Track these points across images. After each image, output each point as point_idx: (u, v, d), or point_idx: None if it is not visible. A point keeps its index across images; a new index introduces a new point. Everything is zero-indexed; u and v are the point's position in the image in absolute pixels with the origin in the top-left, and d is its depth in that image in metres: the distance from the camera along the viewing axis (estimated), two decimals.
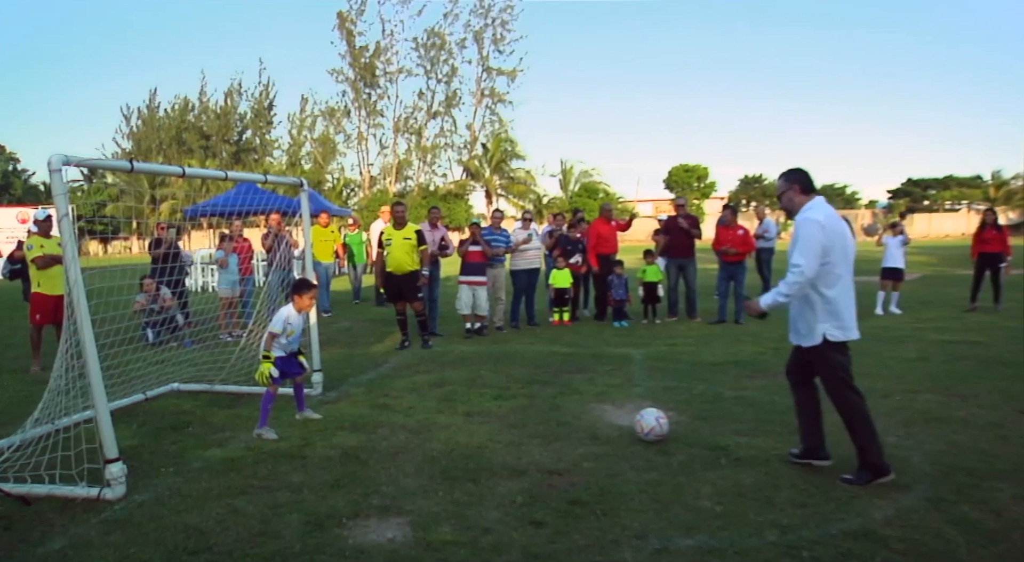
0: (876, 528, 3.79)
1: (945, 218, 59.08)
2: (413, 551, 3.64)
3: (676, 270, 12.05)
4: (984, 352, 8.54)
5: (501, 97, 60.46)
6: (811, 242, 4.48)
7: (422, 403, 6.70)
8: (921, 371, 7.54)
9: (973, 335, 9.67)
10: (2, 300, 18.11)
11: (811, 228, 4.52)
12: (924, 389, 6.77)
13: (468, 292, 10.79)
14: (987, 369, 7.58)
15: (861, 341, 4.97)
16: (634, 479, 4.59)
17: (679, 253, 12.00)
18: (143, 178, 51.38)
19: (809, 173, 4.85)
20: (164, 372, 7.42)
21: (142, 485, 4.63)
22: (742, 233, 11.89)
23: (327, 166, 61.66)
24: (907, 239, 13.02)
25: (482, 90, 60.57)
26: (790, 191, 4.79)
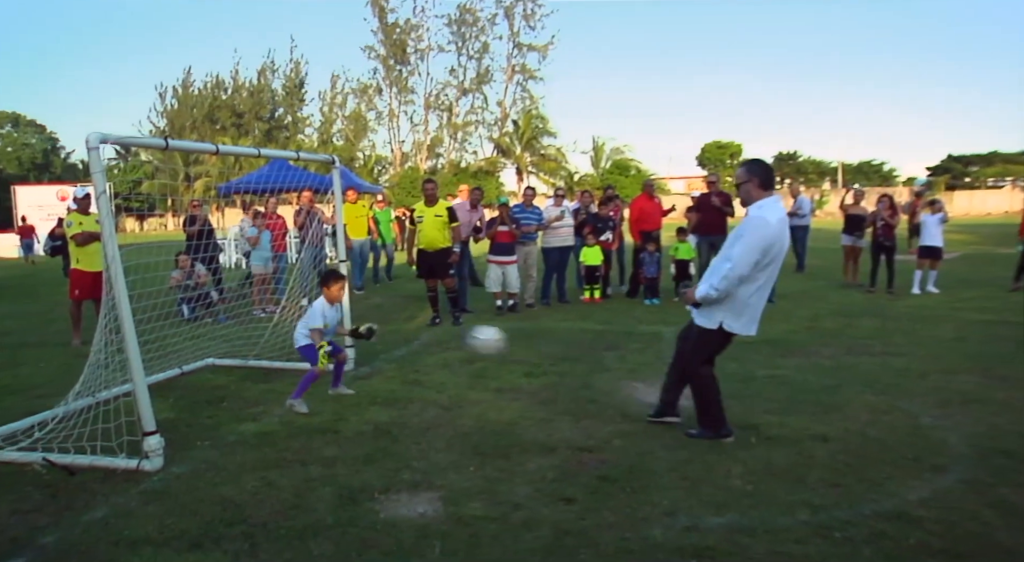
0: (910, 509, 3.75)
1: (988, 195, 57.65)
2: (444, 526, 3.68)
3: (708, 248, 11.91)
4: (1019, 333, 8.35)
5: (532, 73, 60.14)
6: (757, 242, 4.55)
7: (453, 379, 6.74)
8: (959, 351, 7.40)
9: (1014, 315, 9.45)
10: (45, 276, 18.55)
11: (761, 228, 4.57)
12: (962, 369, 6.64)
13: (497, 270, 10.78)
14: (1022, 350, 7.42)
15: (898, 320, 4.91)
16: (664, 457, 4.58)
17: (711, 230, 11.86)
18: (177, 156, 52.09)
19: (771, 168, 4.95)
20: (199, 347, 7.53)
21: (179, 457, 4.73)
22: None
23: (358, 143, 61.95)
24: (946, 217, 12.73)
25: (513, 66, 60.24)
26: (748, 183, 4.77)
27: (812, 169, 65.00)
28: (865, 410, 5.48)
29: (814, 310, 10.44)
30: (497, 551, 3.41)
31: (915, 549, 3.34)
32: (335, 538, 3.57)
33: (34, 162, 64.54)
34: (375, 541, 3.53)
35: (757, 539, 3.46)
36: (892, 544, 3.39)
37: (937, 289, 12.19)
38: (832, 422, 5.19)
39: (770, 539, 3.46)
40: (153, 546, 3.52)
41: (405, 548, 3.46)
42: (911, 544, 3.38)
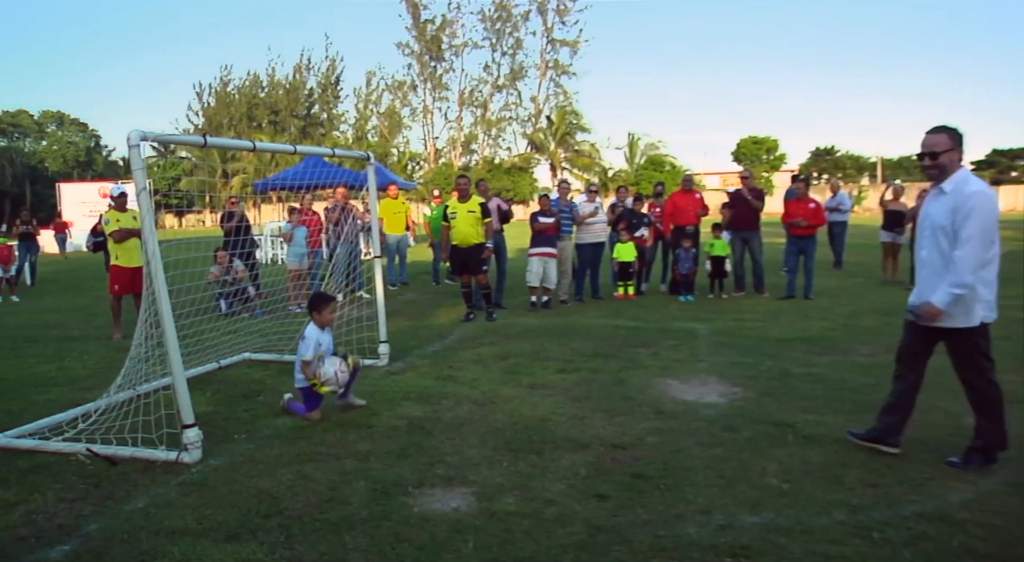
0: (952, 511, 3.67)
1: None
2: (477, 521, 3.69)
3: (741, 244, 11.80)
4: None
5: (565, 69, 59.94)
6: (988, 219, 4.10)
7: (486, 375, 6.75)
8: (1002, 350, 7.15)
9: None
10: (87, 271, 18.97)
11: (989, 201, 4.11)
12: (1007, 369, 6.45)
13: (539, 264, 10.75)
14: None
15: None
16: (699, 455, 4.55)
17: (744, 226, 11.74)
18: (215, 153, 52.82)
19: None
20: (236, 342, 7.65)
21: (216, 450, 4.81)
22: (814, 206, 11.53)
23: (393, 140, 62.28)
24: None
25: (546, 62, 60.09)
26: (953, 152, 4.21)
27: (850, 164, 63.92)
28: None
29: (852, 307, 10.27)
30: (530, 546, 3.41)
31: (958, 552, 3.26)
32: (369, 531, 3.60)
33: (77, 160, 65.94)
34: (409, 535, 3.55)
35: (793, 539, 3.41)
36: (933, 547, 3.32)
37: None
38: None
39: (806, 539, 3.41)
40: (192, 536, 3.59)
41: (438, 542, 3.47)
42: (954, 547, 3.31)
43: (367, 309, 7.88)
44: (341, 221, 11.65)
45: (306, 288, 11.68)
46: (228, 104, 65.48)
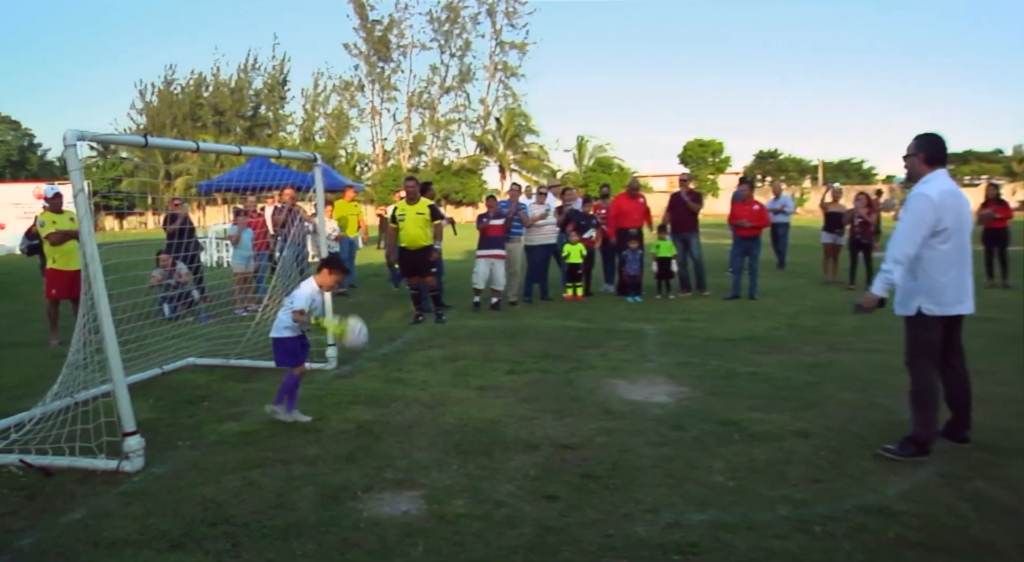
0: (890, 503, 3.79)
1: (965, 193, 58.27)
2: (427, 524, 3.67)
3: (682, 245, 12.00)
4: (1001, 328, 8.46)
5: (514, 71, 60.12)
6: (917, 217, 4.43)
7: (436, 377, 6.73)
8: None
9: (990, 311, 9.55)
10: (21, 275, 18.30)
11: (921, 202, 4.44)
12: None
13: (485, 265, 10.77)
14: (1004, 345, 7.51)
15: (877, 317, 4.95)
16: (647, 454, 4.60)
17: (683, 228, 11.96)
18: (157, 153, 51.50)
19: (943, 145, 4.62)
20: (180, 347, 7.48)
21: (160, 458, 4.69)
22: (757, 208, 11.79)
23: (340, 141, 61.62)
24: None
25: (495, 64, 60.19)
26: (915, 157, 4.59)
27: (793, 167, 65.42)
28: (845, 406, 5.54)
29: (795, 307, 10.52)
30: (480, 549, 3.41)
31: (894, 543, 3.38)
32: (318, 537, 3.55)
33: (9, 159, 63.64)
34: (358, 540, 3.52)
35: (739, 535, 3.48)
36: (871, 538, 3.42)
37: None
38: (813, 418, 5.24)
39: (752, 535, 3.48)
40: (133, 547, 3.49)
41: (388, 547, 3.45)
42: (890, 538, 3.42)
43: None
44: (288, 223, 11.47)
45: (252, 291, 11.49)
46: (171, 104, 63.93)
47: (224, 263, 18.68)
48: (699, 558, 3.29)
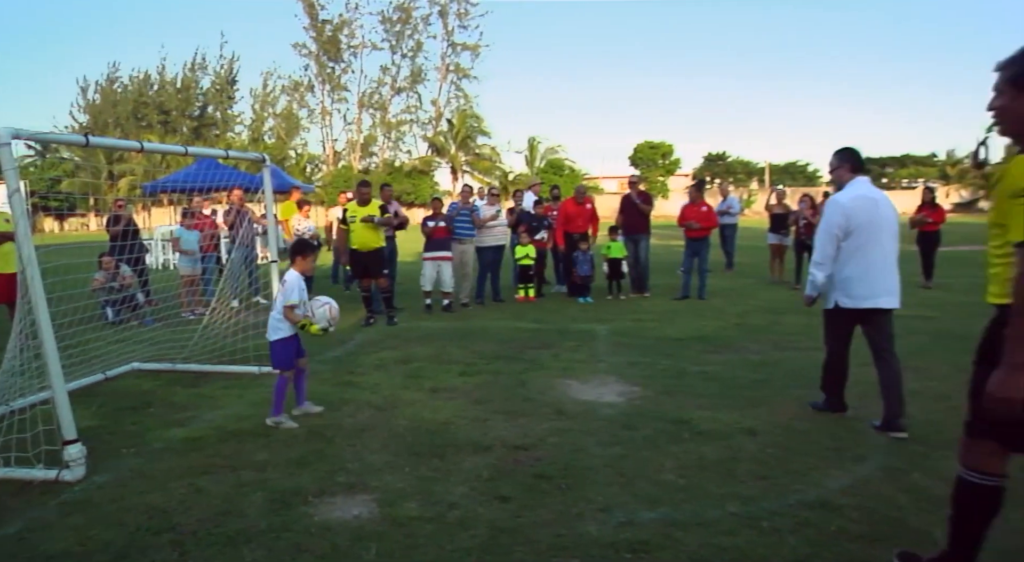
0: (832, 498, 3.88)
1: (902, 195, 60.12)
2: (379, 527, 3.64)
3: (633, 246, 12.13)
4: (936, 326, 8.75)
5: (466, 72, 60.11)
6: (827, 223, 5.03)
7: (388, 380, 6.67)
8: None
9: (927, 310, 9.90)
10: None
11: (830, 209, 5.05)
12: None
13: (432, 268, 10.75)
14: (939, 343, 7.77)
15: (816, 315, 5.09)
16: (599, 454, 4.63)
17: (633, 229, 12.07)
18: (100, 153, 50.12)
19: (860, 154, 5.23)
20: (124, 351, 7.28)
21: (102, 466, 4.55)
22: (706, 209, 11.98)
23: (290, 141, 60.77)
24: None
25: (447, 65, 60.05)
26: (840, 169, 5.15)
27: (741, 169, 66.57)
28: (791, 404, 5.65)
29: (743, 307, 10.71)
30: (432, 551, 3.39)
31: (836, 535, 3.46)
32: (268, 543, 3.49)
33: None
34: (309, 545, 3.47)
35: (689, 532, 3.53)
36: (815, 531, 3.50)
37: None
38: (760, 416, 5.34)
39: (702, 531, 3.53)
40: (73, 560, 3.39)
41: (340, 551, 3.41)
42: (832, 531, 3.51)
43: (264, 315, 7.64)
44: (236, 225, 11.27)
45: (199, 294, 11.25)
46: (115, 102, 62.21)
47: (171, 265, 18.27)
48: (650, 556, 3.33)
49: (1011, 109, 2.63)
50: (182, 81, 63.18)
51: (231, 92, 64.92)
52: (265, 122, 62.84)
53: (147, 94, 62.89)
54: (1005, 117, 2.68)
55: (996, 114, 2.71)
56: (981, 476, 2.79)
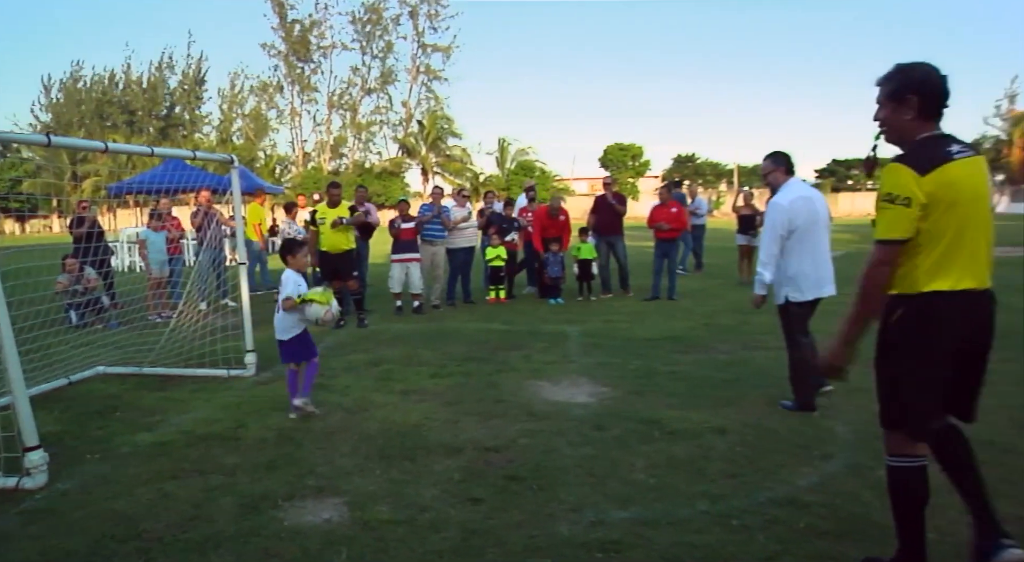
0: (801, 495, 3.93)
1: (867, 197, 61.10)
2: (350, 531, 3.61)
3: (607, 247, 12.18)
4: None
5: (436, 74, 60.04)
6: (771, 224, 5.40)
7: (358, 382, 6.63)
8: None
9: None
10: None
11: (773, 210, 5.39)
12: None
13: (400, 270, 10.71)
14: None
15: None
16: (570, 454, 4.64)
17: (609, 230, 12.13)
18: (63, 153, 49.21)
19: (791, 157, 5.60)
20: (89, 355, 7.15)
21: (66, 473, 4.46)
22: (675, 211, 12.06)
23: (259, 142, 60.18)
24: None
25: (417, 67, 59.91)
26: (776, 172, 5.52)
27: (710, 171, 67.19)
28: (760, 402, 5.71)
29: (712, 307, 10.80)
30: (404, 554, 3.37)
31: (804, 532, 3.50)
32: (237, 549, 3.44)
33: None
34: (279, 550, 3.43)
35: (660, 531, 3.55)
36: (784, 529, 3.54)
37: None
38: (730, 415, 5.39)
39: (672, 530, 3.55)
40: None
41: (310, 555, 3.37)
42: (801, 528, 3.55)
43: (232, 318, 7.57)
44: (204, 226, 11.12)
45: (166, 296, 11.09)
46: (79, 101, 61.08)
47: (137, 268, 17.98)
48: (622, 555, 3.34)
49: (892, 120, 2.92)
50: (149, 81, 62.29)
51: (199, 92, 64.16)
52: (233, 123, 62.18)
53: (112, 93, 61.91)
54: (887, 127, 2.97)
55: (880, 124, 2.99)
56: (904, 460, 2.98)
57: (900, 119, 2.88)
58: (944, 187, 2.72)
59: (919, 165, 2.73)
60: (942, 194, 2.72)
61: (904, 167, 2.75)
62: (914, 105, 2.83)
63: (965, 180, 2.78)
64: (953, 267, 2.80)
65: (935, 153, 2.78)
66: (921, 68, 2.87)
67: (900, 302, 2.87)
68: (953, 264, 2.80)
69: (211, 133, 62.59)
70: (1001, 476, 4.14)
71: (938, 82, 2.85)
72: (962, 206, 2.77)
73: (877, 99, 2.97)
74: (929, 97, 2.83)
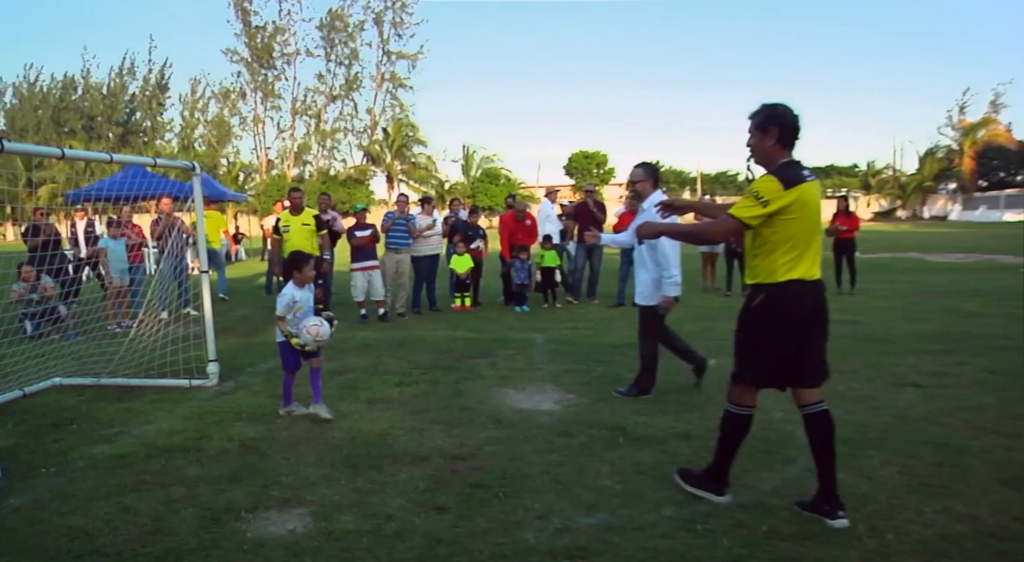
0: (764, 499, 3.98)
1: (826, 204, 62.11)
2: (315, 542, 3.57)
3: (585, 254, 12.25)
4: (859, 330, 9.07)
5: (402, 81, 59.86)
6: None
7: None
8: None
9: (849, 315, 10.25)
10: None
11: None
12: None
13: (363, 278, 10.65)
14: (861, 346, 8.06)
15: None
16: (536, 461, 4.64)
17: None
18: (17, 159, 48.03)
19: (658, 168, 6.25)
20: (45, 366, 6.97)
21: (19, 488, 4.33)
22: None
23: (222, 149, 59.41)
24: None
25: (382, 74, 59.69)
26: (646, 182, 6.03)
27: (673, 179, 67.89)
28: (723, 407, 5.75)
29: (676, 314, 10.77)
30: None
31: (768, 535, 3.54)
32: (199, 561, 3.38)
33: None
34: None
35: (626, 537, 3.56)
36: (748, 532, 3.58)
37: None
38: (694, 421, 5.43)
39: (638, 536, 3.57)
40: None
41: None
42: (764, 531, 3.59)
43: (195, 327, 7.44)
44: (165, 235, 10.93)
45: (127, 306, 10.88)
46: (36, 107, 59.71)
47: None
48: (588, 561, 3.34)
49: (758, 147, 3.70)
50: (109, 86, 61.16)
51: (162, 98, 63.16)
52: (195, 129, 61.32)
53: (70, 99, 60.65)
54: (755, 152, 3.74)
55: (751, 149, 3.74)
56: (740, 408, 3.87)
57: (765, 146, 3.64)
58: (800, 200, 3.49)
59: (786, 181, 3.49)
60: (798, 205, 3.49)
61: (775, 179, 3.51)
62: (775, 135, 3.60)
63: (812, 197, 3.56)
64: (805, 261, 3.58)
65: (795, 174, 3.53)
66: (782, 106, 3.63)
67: (763, 289, 3.65)
68: (805, 259, 3.58)
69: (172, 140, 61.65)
70: (954, 476, 4.25)
71: (793, 119, 3.61)
72: (810, 216, 3.56)
73: (748, 129, 3.70)
74: (786, 130, 3.60)
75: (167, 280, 10.21)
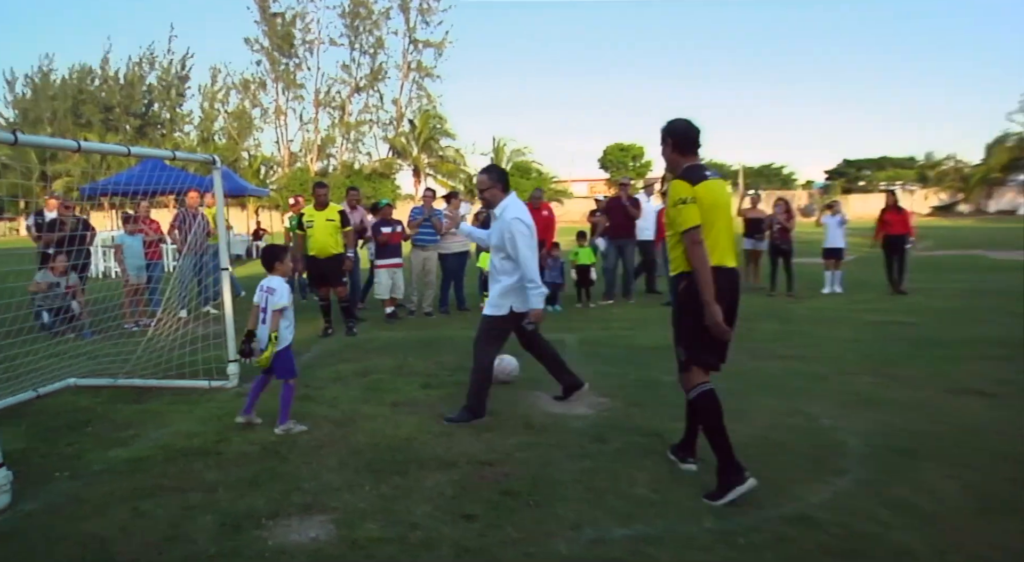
0: (812, 512, 3.91)
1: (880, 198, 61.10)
2: (338, 550, 3.59)
3: (617, 251, 12.21)
4: (915, 332, 8.91)
5: (429, 71, 59.95)
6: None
7: (347, 393, 6.60)
8: (856, 352, 7.82)
9: (904, 316, 10.08)
10: None
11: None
12: (858, 371, 7.01)
13: (387, 276, 10.71)
14: (917, 349, 7.91)
15: (797, 323, 5.14)
16: (568, 468, 4.63)
17: (620, 234, 12.14)
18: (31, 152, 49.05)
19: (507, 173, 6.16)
20: (59, 366, 7.10)
21: (31, 493, 4.40)
22: None
23: (243, 142, 60.11)
24: (845, 219, 13.55)
25: (409, 63, 59.90)
26: (495, 188, 5.79)
27: None
28: (768, 414, 5.71)
29: None
30: None
31: (814, 552, 3.49)
32: None
33: None
34: None
35: (663, 548, 3.53)
36: (793, 548, 3.53)
37: (841, 289, 12.97)
38: (736, 427, 5.32)
39: (676, 548, 3.54)
40: None
41: None
42: (811, 547, 3.53)
43: (215, 325, 7.54)
44: (186, 230, 11.07)
45: (144, 304, 11.04)
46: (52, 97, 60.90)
47: (112, 273, 17.93)
48: None
49: (664, 156, 4.44)
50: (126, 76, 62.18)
51: (182, 89, 64.05)
52: (215, 121, 62.09)
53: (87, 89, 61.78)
54: (665, 161, 4.47)
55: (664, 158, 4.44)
56: (700, 387, 4.31)
57: (667, 154, 4.40)
58: (706, 195, 4.10)
59: (690, 179, 4.15)
60: (707, 199, 4.10)
61: (682, 181, 4.17)
62: (671, 144, 4.34)
63: (718, 191, 4.24)
64: (718, 250, 4.12)
65: (698, 174, 4.19)
66: (675, 120, 4.39)
67: (684, 277, 4.19)
68: (718, 248, 4.12)
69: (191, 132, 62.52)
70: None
71: (685, 129, 4.34)
72: (720, 209, 4.18)
73: (661, 140, 4.41)
74: (679, 138, 4.33)
75: (187, 277, 10.34)
